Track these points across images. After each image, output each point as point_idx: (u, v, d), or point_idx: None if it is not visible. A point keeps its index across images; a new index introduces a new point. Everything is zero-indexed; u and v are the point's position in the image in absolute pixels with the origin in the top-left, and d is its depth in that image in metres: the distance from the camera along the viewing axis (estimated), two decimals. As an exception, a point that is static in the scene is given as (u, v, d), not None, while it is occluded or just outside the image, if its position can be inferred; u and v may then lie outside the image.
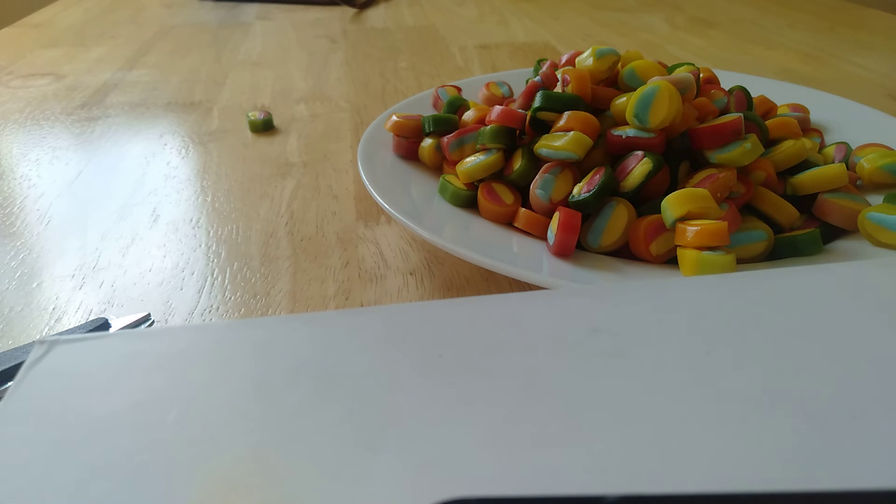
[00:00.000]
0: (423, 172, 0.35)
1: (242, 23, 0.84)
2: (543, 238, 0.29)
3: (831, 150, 0.35)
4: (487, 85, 0.43)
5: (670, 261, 0.27)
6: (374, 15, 0.87)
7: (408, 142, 0.36)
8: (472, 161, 0.32)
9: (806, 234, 0.27)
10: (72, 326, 0.28)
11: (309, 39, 0.76)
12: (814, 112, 0.40)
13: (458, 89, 0.42)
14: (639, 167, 0.28)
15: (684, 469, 0.11)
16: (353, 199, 0.39)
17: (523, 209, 0.30)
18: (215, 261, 0.33)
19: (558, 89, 0.32)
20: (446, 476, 0.11)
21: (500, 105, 0.33)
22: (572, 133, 0.29)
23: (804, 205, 0.30)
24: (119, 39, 0.76)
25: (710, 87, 0.34)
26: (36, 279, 0.32)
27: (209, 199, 0.40)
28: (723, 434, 0.11)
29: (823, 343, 0.13)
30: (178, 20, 0.85)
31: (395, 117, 0.36)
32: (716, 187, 0.27)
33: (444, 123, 0.36)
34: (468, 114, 0.36)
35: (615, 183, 0.28)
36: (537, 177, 0.30)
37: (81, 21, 0.85)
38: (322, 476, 0.11)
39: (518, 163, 0.31)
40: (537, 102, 0.31)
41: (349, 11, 0.89)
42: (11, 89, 0.60)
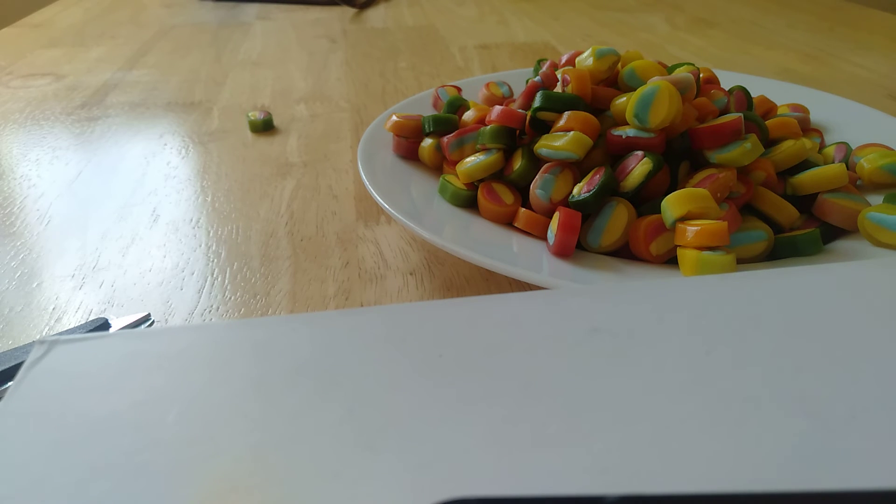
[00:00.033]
0: (423, 172, 0.35)
1: (242, 23, 0.84)
2: (543, 238, 0.29)
3: (831, 150, 0.35)
4: (487, 85, 0.43)
5: (670, 261, 0.27)
6: (374, 15, 0.87)
7: (408, 142, 0.36)
8: (472, 161, 0.32)
9: (806, 234, 0.27)
10: (72, 326, 0.28)
11: (309, 39, 0.76)
12: (814, 112, 0.40)
13: (458, 89, 0.42)
14: (639, 167, 0.28)
15: (684, 469, 0.11)
16: (353, 199, 0.39)
17: (523, 209, 0.30)
18: (215, 261, 0.33)
19: (558, 89, 0.32)
20: (446, 476, 0.11)
21: (500, 105, 0.33)
22: (572, 133, 0.29)
23: (804, 205, 0.30)
24: (119, 39, 0.76)
25: (710, 87, 0.34)
26: (36, 279, 0.32)
27: (209, 199, 0.40)
28: (723, 434, 0.11)
29: (823, 343, 0.13)
30: (178, 20, 0.85)
31: (395, 117, 0.36)
32: (716, 187, 0.27)
33: (444, 123, 0.36)
34: (468, 114, 0.36)
35: (615, 183, 0.28)
36: (537, 177, 0.30)
37: (81, 21, 0.85)
38: (322, 476, 0.11)
39: (518, 163, 0.31)
40: (537, 102, 0.31)
41: (349, 11, 0.89)
42: (11, 89, 0.60)
